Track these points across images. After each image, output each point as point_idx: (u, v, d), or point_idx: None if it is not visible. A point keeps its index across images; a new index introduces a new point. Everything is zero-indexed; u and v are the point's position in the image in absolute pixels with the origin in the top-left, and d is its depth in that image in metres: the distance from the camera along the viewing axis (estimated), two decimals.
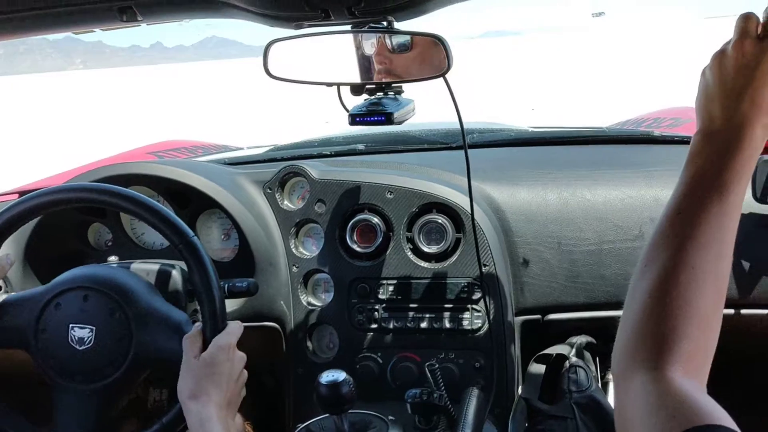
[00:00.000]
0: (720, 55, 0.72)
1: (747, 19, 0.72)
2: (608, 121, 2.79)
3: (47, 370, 1.13)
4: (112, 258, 1.37)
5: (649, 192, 1.46)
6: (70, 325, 1.12)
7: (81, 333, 1.12)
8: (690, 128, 0.70)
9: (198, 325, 1.11)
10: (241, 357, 1.10)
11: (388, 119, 1.06)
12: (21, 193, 1.67)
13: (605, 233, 1.44)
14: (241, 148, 2.42)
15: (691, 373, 0.61)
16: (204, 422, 0.99)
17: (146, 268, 1.29)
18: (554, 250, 1.45)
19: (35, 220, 1.41)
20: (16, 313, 1.15)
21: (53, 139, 13.51)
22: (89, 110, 21.65)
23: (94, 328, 1.12)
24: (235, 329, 1.10)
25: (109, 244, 1.58)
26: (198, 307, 1.15)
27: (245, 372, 1.11)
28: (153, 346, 1.13)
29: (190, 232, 1.12)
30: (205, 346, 1.07)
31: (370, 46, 1.06)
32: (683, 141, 1.73)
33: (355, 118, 1.08)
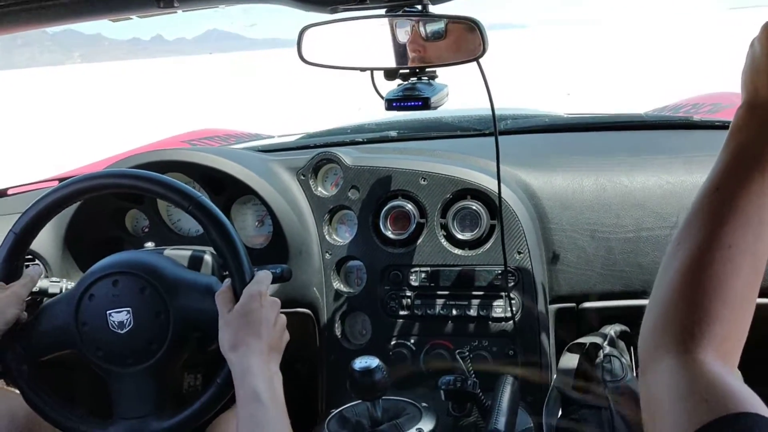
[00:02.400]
0: None
1: None
2: (644, 108, 2.73)
3: (97, 361, 1.15)
4: (149, 244, 1.39)
5: (689, 178, 1.42)
6: (108, 312, 1.14)
7: (119, 317, 1.14)
8: (730, 113, 0.68)
9: (227, 280, 1.11)
10: (273, 302, 1.09)
11: (425, 104, 1.05)
12: (60, 180, 1.70)
13: (643, 220, 1.41)
14: (272, 137, 2.43)
15: (723, 357, 0.59)
16: (245, 373, 0.99)
17: (179, 253, 1.31)
18: (590, 237, 1.43)
19: (74, 207, 1.44)
20: (54, 314, 1.18)
21: (52, 136, 13.55)
22: (88, 105, 21.68)
23: (130, 309, 1.14)
24: (263, 277, 1.11)
25: (146, 230, 1.60)
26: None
27: (282, 316, 1.10)
28: (189, 312, 1.15)
29: (198, 194, 1.12)
30: (236, 299, 1.07)
31: (404, 34, 1.05)
32: (724, 126, 1.68)
33: (392, 104, 1.07)
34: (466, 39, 1.03)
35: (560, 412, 1.29)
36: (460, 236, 1.42)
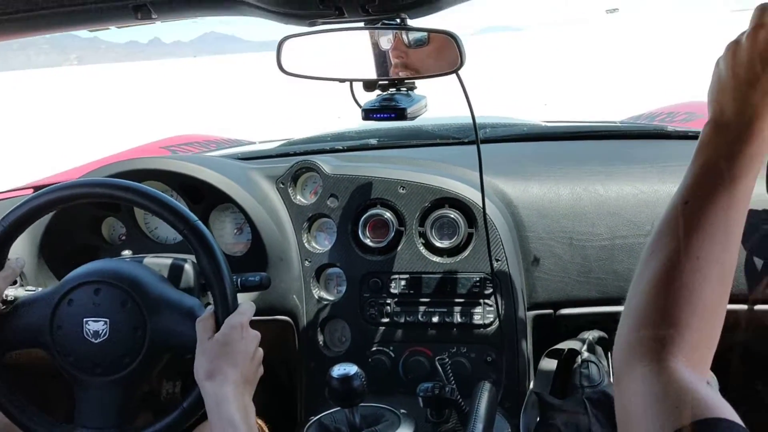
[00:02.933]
0: (734, 46, 0.71)
1: (763, 10, 0.70)
2: (622, 115, 2.77)
3: (66, 366, 1.14)
4: (126, 252, 1.38)
5: (663, 187, 1.45)
6: (84, 320, 1.13)
7: (95, 326, 1.13)
8: (704, 123, 0.71)
9: (210, 308, 1.11)
10: (254, 335, 1.09)
11: (400, 115, 1.06)
12: (35, 189, 1.69)
13: (618, 228, 1.44)
14: (254, 143, 2.43)
15: (694, 365, 0.61)
16: (220, 402, 0.99)
17: (159, 262, 1.30)
18: (566, 245, 1.45)
19: (49, 215, 1.42)
20: (30, 312, 1.16)
21: (46, 140, 13.38)
22: (84, 108, 21.46)
23: (107, 320, 1.13)
24: (246, 309, 1.11)
25: (123, 238, 1.59)
26: (211, 301, 1.16)
27: (260, 350, 1.11)
28: (167, 333, 1.14)
29: (195, 218, 1.12)
30: (218, 327, 1.07)
31: (386, 41, 1.06)
32: (696, 136, 1.71)
33: (369, 114, 1.08)
34: (447, 47, 1.05)
35: (538, 418, 1.30)
36: (438, 244, 1.44)
